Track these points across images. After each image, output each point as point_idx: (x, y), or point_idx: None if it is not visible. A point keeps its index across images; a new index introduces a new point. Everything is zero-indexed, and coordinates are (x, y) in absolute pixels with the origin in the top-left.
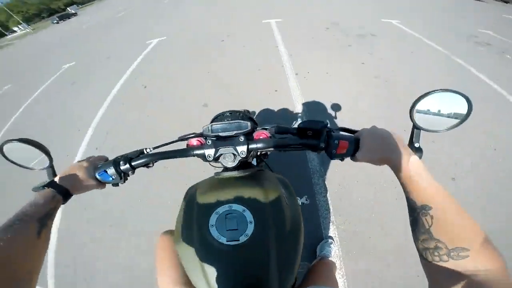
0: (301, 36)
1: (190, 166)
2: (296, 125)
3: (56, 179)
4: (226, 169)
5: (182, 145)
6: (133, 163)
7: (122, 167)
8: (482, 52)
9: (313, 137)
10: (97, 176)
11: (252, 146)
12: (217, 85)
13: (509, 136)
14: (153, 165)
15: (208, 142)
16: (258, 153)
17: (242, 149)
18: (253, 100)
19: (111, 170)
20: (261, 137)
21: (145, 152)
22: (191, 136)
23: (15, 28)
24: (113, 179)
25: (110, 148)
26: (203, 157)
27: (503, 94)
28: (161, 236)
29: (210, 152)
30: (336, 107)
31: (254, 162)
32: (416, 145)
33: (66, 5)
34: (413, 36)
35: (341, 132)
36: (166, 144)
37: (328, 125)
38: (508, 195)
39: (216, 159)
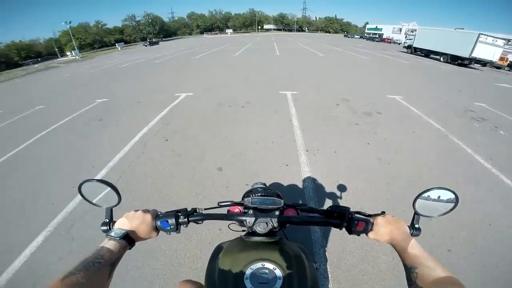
0: (314, 111)
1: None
2: (324, 208)
3: (127, 228)
4: (252, 233)
5: (222, 209)
6: (190, 219)
7: (180, 220)
8: (477, 129)
9: (338, 218)
10: (158, 224)
11: (284, 220)
12: (232, 152)
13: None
14: (202, 222)
15: (250, 212)
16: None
17: (276, 221)
18: (265, 172)
19: (171, 221)
20: (290, 214)
21: (198, 211)
22: (230, 203)
23: (68, 53)
24: (170, 228)
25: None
26: (242, 222)
27: (495, 174)
28: (181, 285)
29: (250, 220)
30: (342, 188)
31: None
32: (416, 226)
33: (116, 41)
34: (414, 113)
35: (359, 216)
36: (213, 208)
37: (350, 209)
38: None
39: (251, 226)
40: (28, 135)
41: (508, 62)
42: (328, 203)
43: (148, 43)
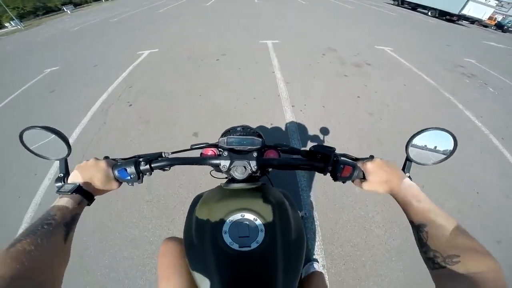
0: (298, 61)
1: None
2: (307, 148)
3: (79, 181)
4: (232, 180)
5: (195, 153)
6: (152, 165)
7: (141, 167)
8: (467, 85)
9: (322, 160)
10: (116, 174)
11: (264, 162)
12: (210, 112)
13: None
14: (169, 169)
15: (224, 154)
16: (266, 169)
17: (254, 164)
18: None
19: (130, 169)
20: (271, 155)
21: (163, 156)
22: (204, 145)
23: (7, 24)
24: (131, 178)
25: None
26: (217, 166)
27: (485, 133)
28: (164, 243)
29: (225, 163)
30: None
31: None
32: (407, 174)
33: (62, 4)
34: (404, 66)
35: (346, 159)
36: (183, 150)
37: (336, 151)
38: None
39: (227, 170)
40: None
41: (496, 22)
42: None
43: None
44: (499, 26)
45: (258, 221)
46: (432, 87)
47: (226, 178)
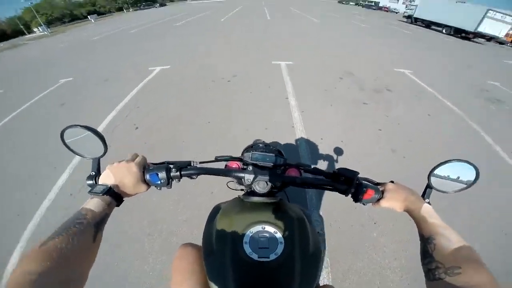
0: (313, 86)
1: None
2: (330, 171)
3: (110, 182)
4: (251, 193)
5: (219, 164)
6: (182, 172)
7: (172, 174)
8: (494, 113)
9: (345, 183)
10: (147, 177)
11: (286, 180)
12: (217, 146)
13: None
14: (196, 177)
15: (249, 168)
16: (286, 185)
17: (277, 180)
18: None
19: (162, 174)
20: (292, 174)
21: (192, 165)
22: (229, 158)
23: (35, 29)
24: (161, 183)
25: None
26: (240, 179)
27: None
28: (182, 247)
29: (249, 177)
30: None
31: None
32: (426, 201)
33: (88, 13)
34: (427, 92)
35: (369, 183)
36: (209, 161)
37: (359, 175)
38: None
39: (249, 184)
40: None
41: None
42: (335, 206)
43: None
44: None
45: (278, 234)
46: (458, 117)
47: (242, 190)
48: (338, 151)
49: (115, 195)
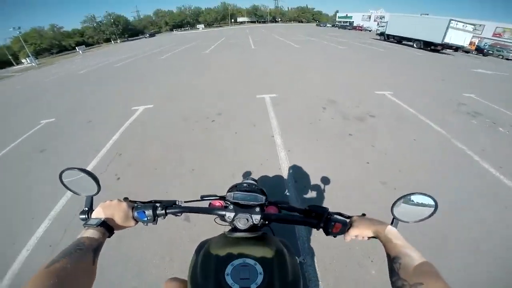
0: (298, 120)
1: None
2: (303, 207)
3: (103, 217)
4: (235, 229)
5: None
6: (167, 211)
7: (158, 212)
8: (476, 127)
9: (316, 218)
10: (135, 214)
11: (264, 217)
12: (201, 191)
13: None
14: (181, 215)
15: (230, 207)
16: (266, 221)
17: (256, 217)
18: None
19: (148, 212)
20: (271, 211)
21: (177, 204)
22: (213, 198)
23: (23, 60)
24: (147, 219)
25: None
26: (222, 216)
27: (509, 185)
28: (167, 283)
29: (230, 215)
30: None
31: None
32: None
33: (77, 44)
34: (408, 113)
35: (338, 217)
36: (194, 200)
37: (329, 210)
38: None
39: (231, 221)
40: None
41: (476, 46)
42: (326, 253)
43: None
44: (479, 50)
45: (258, 266)
46: (443, 137)
47: (228, 225)
48: (328, 189)
49: (107, 227)
